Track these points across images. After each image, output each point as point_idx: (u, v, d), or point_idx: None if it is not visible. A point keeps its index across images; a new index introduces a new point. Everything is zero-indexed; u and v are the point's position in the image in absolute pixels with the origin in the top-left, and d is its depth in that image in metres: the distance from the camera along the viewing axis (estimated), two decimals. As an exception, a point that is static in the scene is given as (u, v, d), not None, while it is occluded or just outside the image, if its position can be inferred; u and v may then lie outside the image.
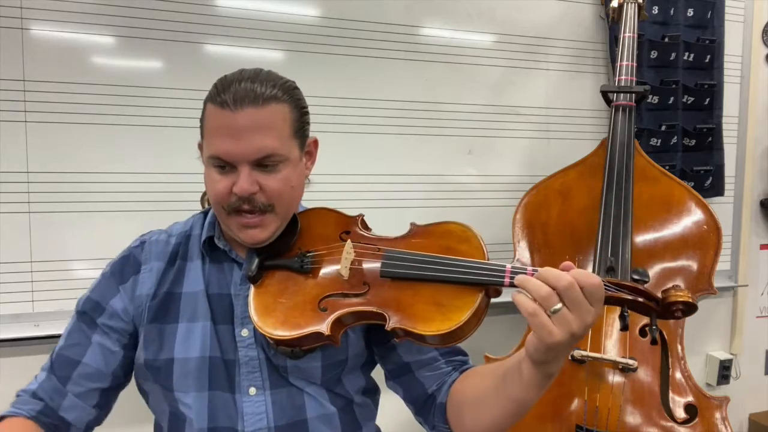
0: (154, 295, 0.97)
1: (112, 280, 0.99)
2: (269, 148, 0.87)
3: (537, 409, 1.56)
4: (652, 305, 0.78)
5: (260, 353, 0.95)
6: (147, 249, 1.01)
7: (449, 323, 0.79)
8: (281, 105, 0.89)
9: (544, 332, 0.72)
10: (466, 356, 1.04)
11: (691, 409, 1.52)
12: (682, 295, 0.76)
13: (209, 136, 0.89)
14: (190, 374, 0.93)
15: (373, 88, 1.79)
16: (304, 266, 0.92)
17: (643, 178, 1.69)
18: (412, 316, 0.81)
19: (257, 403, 0.94)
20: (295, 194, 0.94)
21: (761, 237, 2.37)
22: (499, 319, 1.98)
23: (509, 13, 1.94)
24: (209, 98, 0.90)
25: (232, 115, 0.85)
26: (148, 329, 0.96)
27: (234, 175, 0.88)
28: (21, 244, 1.51)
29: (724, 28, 2.14)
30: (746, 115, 2.25)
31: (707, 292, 1.62)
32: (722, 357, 2.31)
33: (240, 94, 0.86)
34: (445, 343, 0.83)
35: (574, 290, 0.72)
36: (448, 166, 1.91)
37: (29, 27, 1.49)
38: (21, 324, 1.52)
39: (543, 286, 0.73)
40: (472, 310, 0.79)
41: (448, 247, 0.88)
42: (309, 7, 1.72)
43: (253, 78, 0.89)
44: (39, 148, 1.51)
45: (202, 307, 0.96)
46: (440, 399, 0.97)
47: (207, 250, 0.99)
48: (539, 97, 2.00)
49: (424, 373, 0.99)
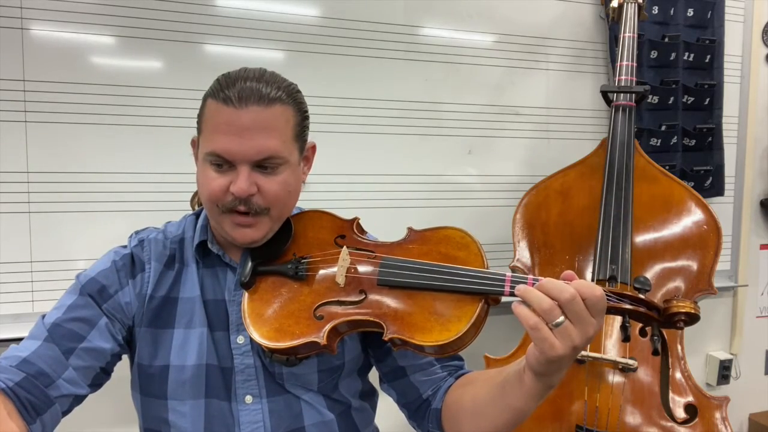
0: (151, 297, 0.95)
1: (122, 272, 0.96)
2: (271, 150, 0.86)
3: (537, 409, 1.55)
4: (654, 315, 0.76)
5: (256, 361, 0.93)
6: (147, 248, 0.98)
7: (448, 334, 0.78)
8: (285, 107, 0.88)
9: (545, 345, 0.71)
10: (461, 361, 1.03)
11: (691, 409, 1.52)
12: (685, 306, 0.75)
13: (210, 131, 0.87)
14: (186, 382, 0.92)
15: (373, 88, 1.79)
16: (299, 273, 0.90)
17: (643, 178, 1.69)
18: (410, 326, 0.80)
19: (254, 412, 0.92)
20: (291, 199, 0.93)
21: (761, 237, 2.37)
22: (499, 319, 1.97)
23: (509, 13, 1.94)
24: (211, 94, 0.88)
25: (237, 113, 0.84)
26: (143, 332, 0.94)
27: (231, 174, 0.86)
28: (21, 244, 1.51)
29: (724, 28, 2.14)
30: (746, 115, 2.25)
31: (707, 292, 1.61)
32: (722, 357, 2.31)
33: (246, 92, 0.84)
34: (443, 353, 0.81)
35: (576, 303, 0.70)
36: (448, 166, 1.91)
37: (29, 27, 1.49)
38: (21, 324, 1.52)
39: (545, 298, 0.71)
40: (471, 320, 0.78)
41: (447, 254, 0.86)
42: (309, 7, 1.72)
43: (259, 77, 0.87)
44: (39, 148, 1.51)
45: (199, 313, 0.94)
46: (435, 404, 0.96)
47: (200, 255, 0.98)
48: (539, 97, 2.00)
49: (420, 377, 0.98)
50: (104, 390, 0.96)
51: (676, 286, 1.61)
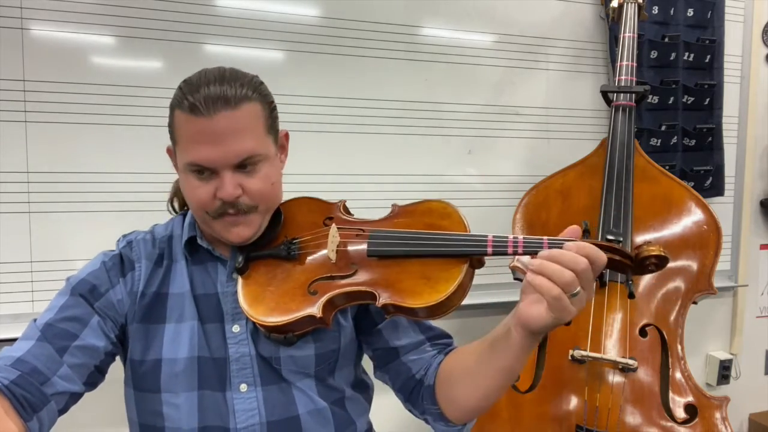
0: (143, 294, 0.96)
1: (112, 271, 0.97)
2: (249, 150, 0.87)
3: (537, 409, 1.56)
4: (627, 261, 0.80)
5: (252, 349, 0.95)
6: (136, 248, 1.00)
7: (437, 295, 0.82)
8: (253, 104, 0.88)
9: (564, 313, 0.74)
10: (450, 338, 1.05)
11: (691, 409, 1.52)
12: (654, 250, 0.79)
13: (184, 143, 0.88)
14: (179, 375, 0.93)
15: (373, 88, 1.79)
16: (291, 253, 0.93)
17: (643, 178, 1.69)
18: (401, 291, 0.84)
19: (249, 400, 0.94)
20: (275, 190, 0.94)
21: (761, 237, 2.37)
22: (499, 319, 1.97)
23: (509, 13, 1.94)
24: (177, 104, 0.88)
25: (207, 121, 0.84)
26: (135, 329, 0.96)
27: (215, 180, 0.88)
28: (21, 244, 1.51)
29: (724, 28, 2.14)
30: (746, 115, 2.25)
31: (707, 292, 1.61)
32: (722, 357, 2.32)
33: (211, 97, 0.84)
34: (433, 314, 0.85)
35: (589, 271, 0.73)
36: (448, 166, 1.91)
37: (29, 27, 1.49)
38: (21, 324, 1.51)
39: (566, 271, 0.73)
40: (458, 280, 0.82)
41: (431, 223, 0.90)
42: (309, 7, 1.72)
43: (220, 79, 0.87)
44: (39, 148, 1.51)
45: (189, 307, 0.95)
46: (428, 382, 0.98)
47: (189, 252, 0.99)
48: (539, 97, 2.00)
49: (411, 357, 1.00)
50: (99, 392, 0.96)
51: (676, 286, 1.61)
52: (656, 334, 1.56)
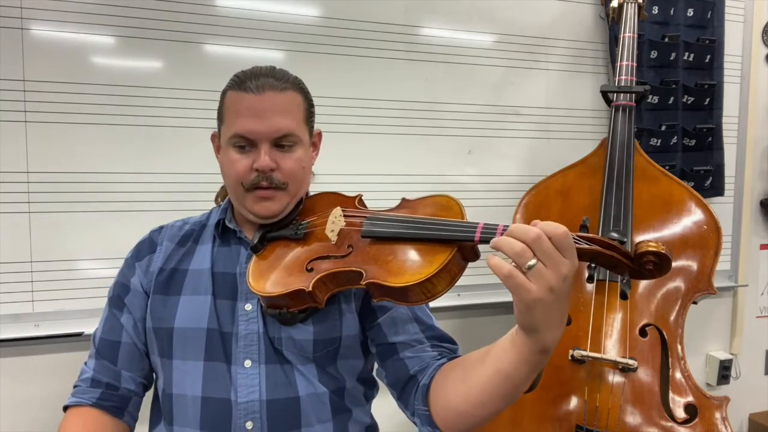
0: (161, 270, 1.06)
1: (131, 260, 1.10)
2: (288, 128, 0.97)
3: (537, 409, 1.56)
4: (623, 259, 0.77)
5: (260, 327, 1.00)
6: (163, 232, 1.12)
7: (418, 276, 0.83)
8: (296, 94, 1.00)
9: (522, 291, 0.73)
10: (455, 345, 1.05)
11: (691, 409, 1.52)
12: (654, 246, 0.74)
13: (232, 117, 0.98)
14: (188, 343, 1.00)
15: (373, 88, 1.80)
16: (298, 232, 1.00)
17: (643, 178, 1.69)
18: (385, 272, 0.86)
19: (251, 376, 0.98)
20: (305, 175, 1.04)
21: (761, 237, 2.37)
22: (500, 319, 1.98)
23: (509, 13, 1.94)
24: (230, 87, 1.00)
25: (256, 98, 0.96)
26: (153, 299, 1.05)
27: (253, 154, 0.97)
28: (21, 244, 1.51)
29: (724, 28, 2.14)
30: (746, 115, 2.25)
31: (707, 292, 1.62)
32: (722, 357, 2.32)
33: (261, 82, 0.97)
34: (415, 297, 0.85)
35: (543, 242, 0.72)
36: (448, 166, 1.91)
37: (29, 27, 1.49)
38: (21, 324, 1.52)
39: (515, 242, 0.73)
40: (442, 264, 0.83)
41: (432, 214, 0.93)
42: (309, 7, 1.72)
43: (271, 72, 1.00)
44: (39, 148, 1.51)
45: (206, 282, 1.03)
46: (423, 381, 0.97)
47: (218, 232, 1.08)
48: (539, 97, 2.00)
49: (408, 354, 1.01)
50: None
51: (675, 286, 1.61)
52: (656, 334, 1.57)
